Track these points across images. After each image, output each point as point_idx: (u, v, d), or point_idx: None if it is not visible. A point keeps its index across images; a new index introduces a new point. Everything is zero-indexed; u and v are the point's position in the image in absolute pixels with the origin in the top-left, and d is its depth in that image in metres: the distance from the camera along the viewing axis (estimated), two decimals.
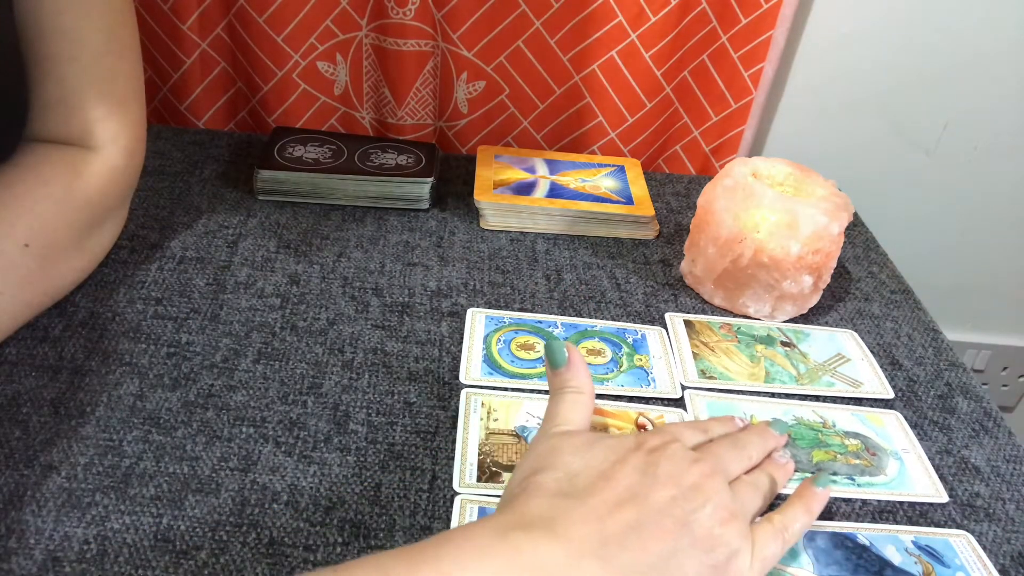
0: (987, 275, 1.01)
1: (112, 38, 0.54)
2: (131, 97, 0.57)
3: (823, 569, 0.45)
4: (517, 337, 0.60)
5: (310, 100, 0.83)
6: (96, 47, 0.53)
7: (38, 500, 0.44)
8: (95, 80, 0.54)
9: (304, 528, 0.44)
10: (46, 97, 0.54)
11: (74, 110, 0.54)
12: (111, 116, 0.55)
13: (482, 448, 0.50)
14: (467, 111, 0.84)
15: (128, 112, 0.57)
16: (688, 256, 0.68)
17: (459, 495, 0.47)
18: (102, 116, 0.55)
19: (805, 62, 0.85)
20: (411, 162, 0.75)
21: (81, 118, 0.54)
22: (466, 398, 0.54)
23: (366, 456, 0.49)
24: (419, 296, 0.63)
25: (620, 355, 0.59)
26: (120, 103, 0.56)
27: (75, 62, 0.53)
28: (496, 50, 0.80)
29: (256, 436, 0.49)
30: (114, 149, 0.56)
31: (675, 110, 0.85)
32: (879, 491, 0.51)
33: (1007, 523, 0.50)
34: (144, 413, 0.50)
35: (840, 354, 0.62)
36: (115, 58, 0.55)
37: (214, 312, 0.59)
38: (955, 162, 0.92)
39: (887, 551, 0.47)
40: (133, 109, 0.57)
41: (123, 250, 0.63)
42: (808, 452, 0.53)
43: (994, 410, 0.59)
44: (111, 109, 0.55)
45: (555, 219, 0.73)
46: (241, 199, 0.72)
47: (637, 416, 0.54)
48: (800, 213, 0.60)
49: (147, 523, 0.43)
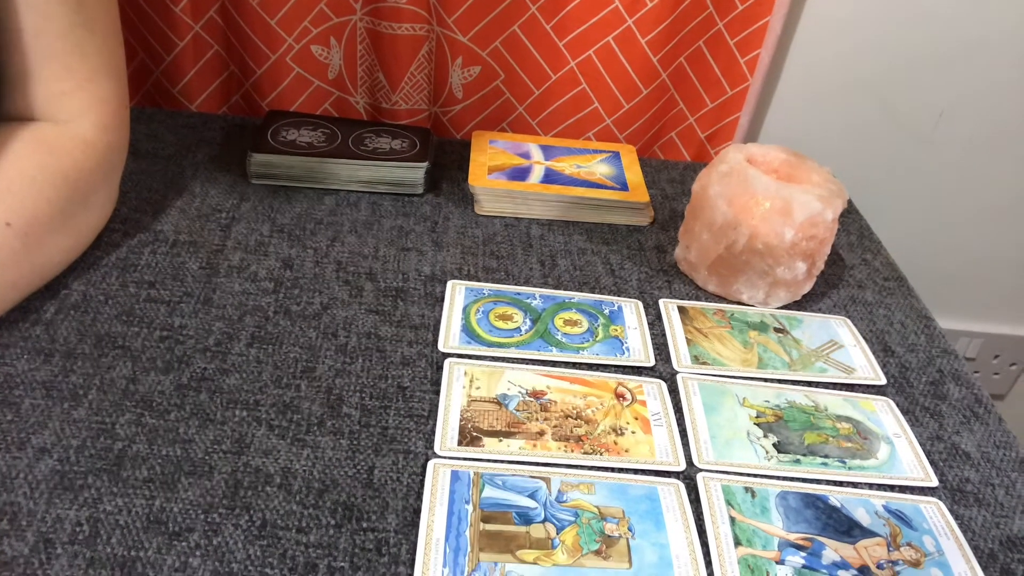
0: (980, 264, 1.01)
1: (81, 10, 0.53)
2: (102, 71, 0.56)
3: (792, 526, 0.47)
4: (496, 308, 0.60)
5: (304, 84, 0.82)
6: (63, 20, 0.53)
7: (30, 482, 0.44)
8: (60, 53, 0.53)
9: (297, 511, 0.44)
10: (12, 71, 0.53)
11: (39, 83, 0.53)
12: (79, 90, 0.55)
13: (464, 414, 0.51)
14: (462, 96, 0.83)
15: (99, 86, 0.56)
16: (682, 242, 0.68)
17: (433, 459, 0.48)
18: (69, 90, 0.54)
19: (801, 49, 0.85)
20: (405, 147, 0.75)
21: (46, 92, 0.54)
22: (449, 368, 0.54)
23: (359, 439, 0.49)
24: (413, 281, 0.63)
25: (596, 325, 0.60)
26: (89, 77, 0.55)
27: (41, 35, 0.52)
28: (491, 35, 0.79)
29: (249, 419, 0.49)
30: (84, 123, 0.55)
31: (671, 96, 0.84)
32: (869, 474, 0.51)
33: (996, 508, 0.50)
34: (137, 396, 0.50)
35: (833, 340, 0.62)
36: (84, 31, 0.54)
37: (207, 296, 0.58)
38: (950, 150, 0.92)
39: (857, 513, 0.48)
40: (105, 84, 0.56)
41: (116, 233, 0.63)
42: (800, 434, 0.53)
43: (985, 397, 0.59)
44: (79, 83, 0.54)
45: (550, 205, 0.73)
46: (234, 183, 0.72)
47: (616, 385, 0.55)
48: (794, 199, 0.60)
49: (140, 505, 0.43)
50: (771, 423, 0.54)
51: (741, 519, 0.47)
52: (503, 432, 0.51)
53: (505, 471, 0.48)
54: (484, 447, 0.49)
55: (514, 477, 0.48)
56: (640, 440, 0.51)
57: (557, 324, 0.60)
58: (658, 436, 0.52)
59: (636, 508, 0.47)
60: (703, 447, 0.51)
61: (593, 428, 0.52)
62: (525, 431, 0.51)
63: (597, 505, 0.47)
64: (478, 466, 0.48)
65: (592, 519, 0.46)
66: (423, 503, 0.45)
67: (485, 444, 0.50)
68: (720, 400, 0.55)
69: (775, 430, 0.53)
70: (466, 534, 0.44)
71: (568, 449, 0.50)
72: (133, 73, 0.82)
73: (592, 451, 0.50)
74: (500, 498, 0.46)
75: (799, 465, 0.51)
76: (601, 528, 0.45)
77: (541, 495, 0.47)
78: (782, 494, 0.49)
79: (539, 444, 0.50)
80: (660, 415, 0.53)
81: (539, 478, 0.48)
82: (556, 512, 0.46)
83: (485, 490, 0.47)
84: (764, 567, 0.44)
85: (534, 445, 0.50)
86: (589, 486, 0.48)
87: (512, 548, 0.44)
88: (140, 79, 0.83)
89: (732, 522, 0.47)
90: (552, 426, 0.51)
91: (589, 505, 0.47)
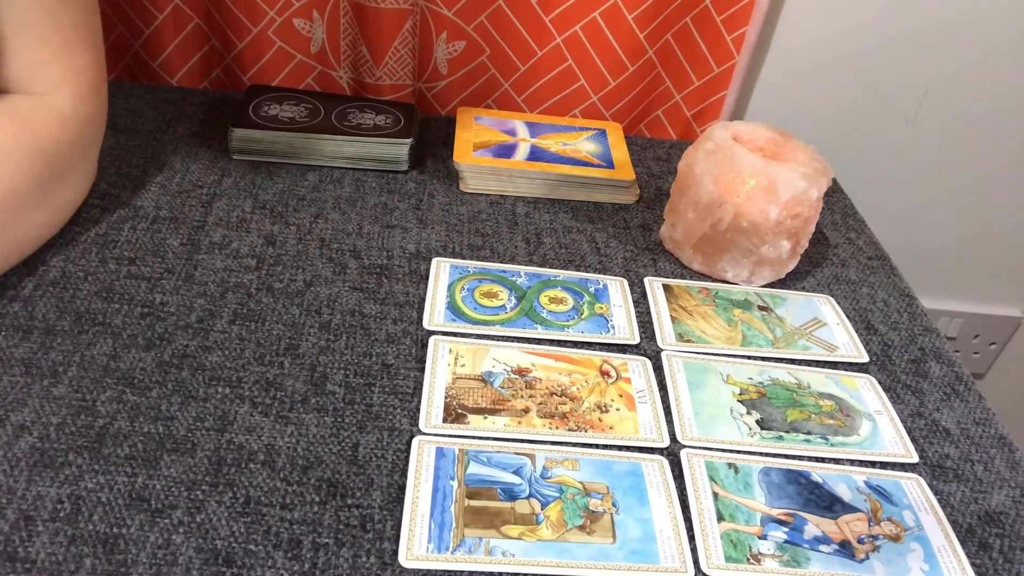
0: (963, 244, 1.02)
1: None
2: (77, 42, 0.55)
3: (775, 501, 0.47)
4: (481, 286, 0.60)
5: (286, 58, 0.81)
6: None
7: (10, 460, 0.43)
8: (34, 24, 0.52)
9: (281, 487, 0.44)
10: None
11: (13, 54, 0.52)
12: (54, 61, 0.53)
13: (448, 392, 0.51)
14: (447, 72, 0.82)
15: (74, 57, 0.55)
16: (668, 221, 0.68)
17: (418, 436, 0.48)
18: (44, 60, 0.53)
19: (788, 27, 0.85)
20: (389, 123, 0.74)
21: (20, 63, 0.52)
22: (434, 345, 0.54)
23: (343, 417, 0.49)
24: (397, 259, 0.62)
25: (581, 303, 0.60)
26: (64, 48, 0.54)
27: (13, 5, 0.51)
28: (476, 9, 0.78)
29: (232, 396, 0.49)
30: (60, 96, 0.54)
31: (657, 74, 0.84)
32: (851, 451, 0.52)
33: (975, 484, 0.51)
34: (118, 373, 0.49)
35: (816, 319, 0.63)
36: (58, 1, 0.53)
37: (188, 272, 0.58)
38: (935, 130, 0.92)
39: (838, 489, 0.49)
40: (81, 55, 0.55)
41: (95, 209, 0.62)
42: (783, 411, 0.53)
43: (965, 375, 0.60)
44: (54, 54, 0.53)
45: (535, 182, 0.72)
46: (215, 158, 0.71)
47: (601, 363, 0.55)
48: (779, 177, 0.60)
49: (121, 482, 0.43)
50: (754, 400, 0.54)
51: (724, 495, 0.47)
52: (488, 409, 0.51)
53: (490, 448, 0.48)
54: (469, 424, 0.49)
55: (499, 454, 0.48)
56: (624, 417, 0.52)
57: (542, 302, 0.60)
58: (642, 413, 0.52)
59: (620, 484, 0.47)
60: (687, 424, 0.52)
61: (578, 405, 0.52)
62: (510, 408, 0.51)
63: (581, 481, 0.47)
64: (463, 443, 0.48)
65: (576, 495, 0.46)
66: (408, 480, 0.45)
67: (470, 421, 0.49)
68: (704, 377, 0.55)
69: (758, 407, 0.54)
70: (451, 510, 0.44)
71: (553, 426, 0.50)
72: (111, 47, 0.80)
73: (577, 428, 0.50)
74: (485, 474, 0.46)
75: (782, 442, 0.51)
76: (585, 504, 0.46)
77: (526, 471, 0.47)
78: (765, 470, 0.49)
79: (524, 421, 0.50)
80: (644, 392, 0.54)
81: (524, 455, 0.48)
82: (541, 488, 0.46)
83: (470, 467, 0.47)
84: (747, 542, 0.45)
85: (519, 422, 0.50)
86: (574, 462, 0.48)
87: (497, 524, 0.44)
88: (119, 53, 0.81)
89: (715, 498, 0.47)
90: (537, 403, 0.51)
91: (573, 481, 0.47)
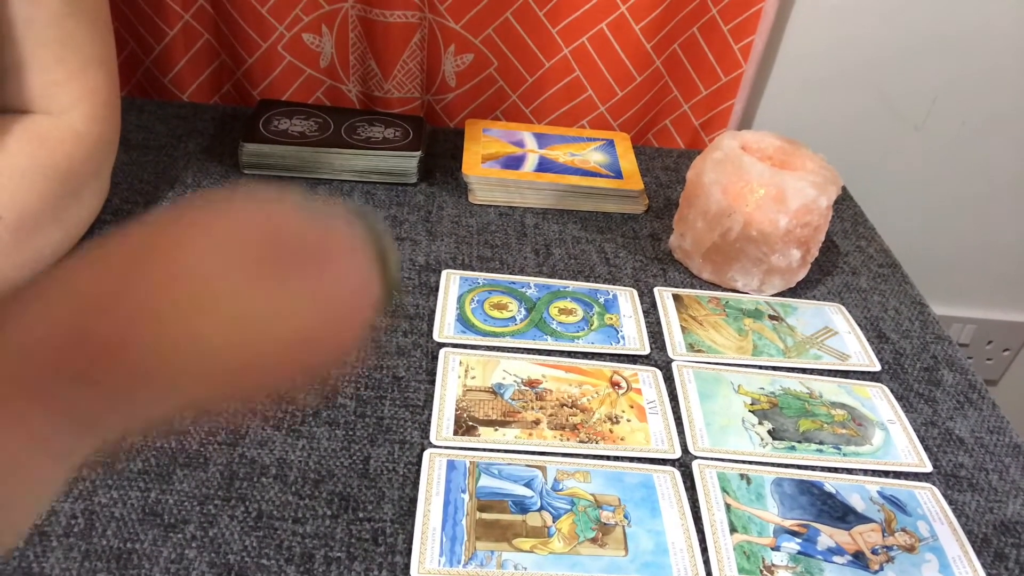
0: (974, 250, 1.01)
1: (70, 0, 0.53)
2: (94, 61, 0.55)
3: (788, 512, 0.47)
4: (491, 297, 0.60)
5: (295, 73, 0.82)
6: (54, 9, 0.52)
7: None
8: (52, 43, 0.53)
9: (293, 501, 0.44)
10: (3, 63, 0.52)
11: (31, 74, 0.53)
12: (71, 80, 0.54)
13: (459, 404, 0.51)
14: (455, 84, 0.83)
15: (90, 77, 0.55)
16: (677, 230, 0.68)
17: (429, 449, 0.48)
18: (61, 80, 0.54)
19: (795, 35, 0.85)
20: (398, 136, 0.74)
21: (38, 82, 0.53)
22: (444, 357, 0.54)
23: (355, 430, 0.49)
24: (407, 271, 0.63)
25: (591, 314, 0.60)
26: (81, 67, 0.54)
27: (31, 24, 0.51)
28: (484, 22, 0.79)
29: (244, 410, 0.49)
30: (76, 115, 0.55)
31: (665, 84, 0.84)
32: (864, 460, 0.51)
33: (990, 493, 0.51)
34: None
35: (827, 327, 0.62)
36: (74, 21, 0.53)
37: None
38: (944, 137, 0.92)
39: (852, 499, 0.48)
40: (96, 74, 0.56)
41: (107, 224, 0.62)
42: (795, 421, 0.53)
43: (979, 382, 0.59)
44: (71, 73, 0.54)
45: (544, 193, 0.73)
46: (226, 173, 0.71)
47: (611, 374, 0.55)
48: (789, 186, 0.60)
49: (135, 497, 0.43)
50: (766, 410, 0.54)
51: (736, 506, 0.47)
52: (499, 421, 0.51)
53: (501, 460, 0.48)
54: (480, 436, 0.49)
55: (510, 466, 0.48)
56: (635, 428, 0.51)
57: (552, 313, 0.60)
58: (653, 424, 0.52)
59: (632, 496, 0.47)
60: (698, 434, 0.52)
61: (589, 416, 0.52)
62: (521, 420, 0.51)
63: (593, 493, 0.47)
64: (474, 455, 0.48)
65: (588, 507, 0.46)
66: (419, 493, 0.45)
67: (481, 433, 0.50)
68: (715, 388, 0.55)
69: (770, 417, 0.53)
70: (462, 523, 0.44)
71: (564, 438, 0.50)
72: (123, 63, 0.81)
73: (588, 439, 0.50)
74: (496, 487, 0.46)
75: (794, 452, 0.51)
76: (597, 516, 0.45)
77: (537, 484, 0.47)
78: (777, 481, 0.49)
79: (535, 433, 0.50)
80: (655, 403, 0.53)
81: (535, 467, 0.48)
82: (552, 500, 0.46)
83: (481, 479, 0.47)
84: (760, 553, 0.44)
85: (530, 434, 0.50)
86: (585, 474, 0.48)
87: (508, 537, 0.44)
88: (130, 69, 0.82)
89: (728, 509, 0.47)
90: (548, 415, 0.51)
91: (585, 493, 0.47)
